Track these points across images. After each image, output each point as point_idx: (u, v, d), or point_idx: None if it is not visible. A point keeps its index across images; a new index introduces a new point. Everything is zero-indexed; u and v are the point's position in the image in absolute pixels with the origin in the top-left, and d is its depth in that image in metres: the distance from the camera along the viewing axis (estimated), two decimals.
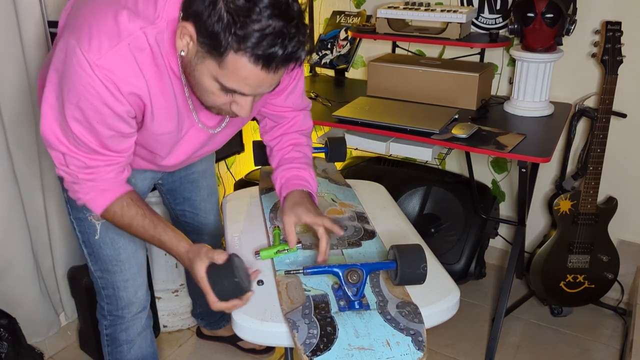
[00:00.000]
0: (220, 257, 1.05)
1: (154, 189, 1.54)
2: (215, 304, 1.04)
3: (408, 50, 2.35)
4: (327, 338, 0.95)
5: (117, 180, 1.12)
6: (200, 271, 1.05)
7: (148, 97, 1.02)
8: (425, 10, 2.03)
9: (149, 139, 1.14)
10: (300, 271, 1.08)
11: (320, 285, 1.09)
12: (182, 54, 0.97)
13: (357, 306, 1.02)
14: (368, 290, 1.08)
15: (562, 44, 1.90)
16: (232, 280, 1.02)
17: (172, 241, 1.13)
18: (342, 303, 1.04)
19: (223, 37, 0.88)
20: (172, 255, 1.16)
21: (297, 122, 1.36)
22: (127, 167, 1.15)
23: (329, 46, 2.42)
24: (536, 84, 1.92)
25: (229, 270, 1.03)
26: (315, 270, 1.06)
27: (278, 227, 1.29)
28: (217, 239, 1.74)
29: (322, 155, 1.57)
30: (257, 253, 1.19)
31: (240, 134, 2.23)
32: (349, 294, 1.04)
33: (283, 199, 1.26)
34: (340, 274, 1.04)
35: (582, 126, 2.09)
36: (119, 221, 1.15)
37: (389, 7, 2.08)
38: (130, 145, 1.11)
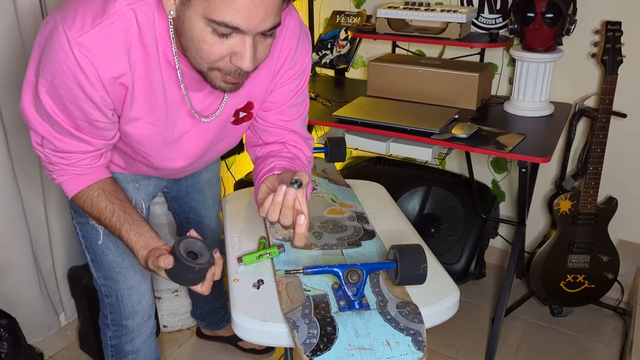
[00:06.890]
0: (166, 263, 0.99)
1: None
2: (199, 289, 1.03)
3: (408, 50, 2.35)
4: (327, 338, 0.95)
5: (93, 167, 1.09)
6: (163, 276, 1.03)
7: (130, 81, 0.95)
8: (425, 10, 2.03)
9: (131, 138, 1.07)
10: (300, 271, 1.08)
11: (320, 285, 1.09)
12: (172, 13, 0.89)
13: (357, 306, 1.02)
14: (368, 290, 1.08)
15: (562, 44, 1.90)
16: (193, 272, 1.01)
17: (133, 248, 1.09)
18: (342, 303, 1.04)
19: None
20: None
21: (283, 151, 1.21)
22: (105, 154, 1.10)
23: (329, 46, 2.42)
24: (536, 84, 1.92)
25: (182, 264, 1.00)
26: (315, 270, 1.06)
27: (264, 237, 1.30)
28: (217, 238, 1.74)
29: (322, 155, 1.57)
30: (239, 259, 1.18)
31: None
32: (349, 294, 1.03)
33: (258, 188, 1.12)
34: (340, 273, 1.04)
35: (582, 126, 2.09)
36: (88, 211, 1.12)
37: (389, 7, 2.08)
38: (105, 137, 1.05)
